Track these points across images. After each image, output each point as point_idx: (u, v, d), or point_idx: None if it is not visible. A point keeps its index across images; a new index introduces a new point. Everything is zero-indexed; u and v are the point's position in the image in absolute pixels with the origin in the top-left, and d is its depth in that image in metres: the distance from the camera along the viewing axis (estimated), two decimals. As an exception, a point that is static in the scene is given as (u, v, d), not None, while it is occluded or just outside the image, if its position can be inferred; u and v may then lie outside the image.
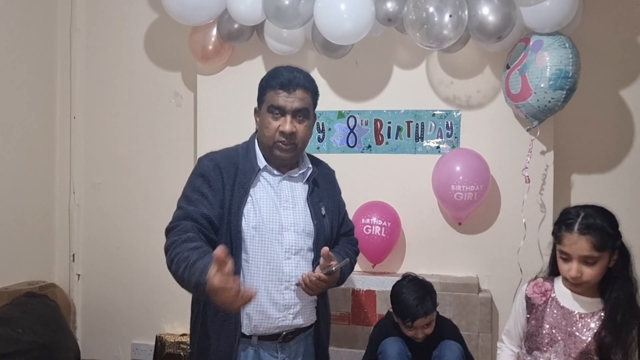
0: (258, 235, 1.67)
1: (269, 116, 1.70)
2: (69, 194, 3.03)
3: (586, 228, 1.53)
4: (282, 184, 1.74)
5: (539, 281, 1.70)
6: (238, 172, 1.71)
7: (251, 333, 1.68)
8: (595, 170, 2.61)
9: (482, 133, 2.49)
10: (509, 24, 2.14)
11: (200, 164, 1.74)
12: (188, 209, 1.64)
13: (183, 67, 2.90)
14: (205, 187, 1.67)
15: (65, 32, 3.01)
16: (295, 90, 1.69)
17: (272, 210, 1.70)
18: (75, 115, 3.04)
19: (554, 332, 1.63)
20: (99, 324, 3.03)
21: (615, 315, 1.55)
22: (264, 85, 1.73)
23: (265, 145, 1.73)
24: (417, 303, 1.97)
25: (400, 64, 2.57)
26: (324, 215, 1.77)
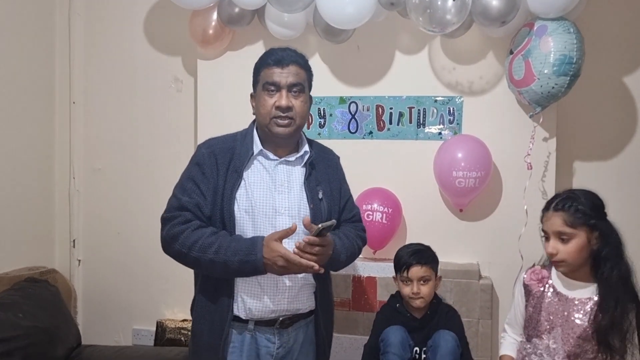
0: (250, 219, 1.68)
1: (264, 94, 1.71)
2: (69, 179, 3.03)
3: (561, 205, 1.61)
4: (279, 168, 1.74)
5: (536, 269, 1.74)
6: (234, 156, 1.73)
7: (247, 317, 1.69)
8: (597, 157, 2.59)
9: (484, 119, 2.47)
10: (513, 8, 2.12)
11: (197, 151, 1.78)
12: (182, 200, 1.70)
13: (183, 51, 2.87)
14: (199, 175, 1.71)
15: (64, 16, 2.98)
16: (288, 65, 1.71)
17: (265, 194, 1.70)
18: (75, 100, 3.02)
19: (551, 318, 1.65)
20: (99, 310, 3.03)
21: (608, 298, 1.57)
22: (258, 66, 1.75)
23: (263, 125, 1.73)
24: (412, 252, 2.02)
25: (403, 49, 2.54)
26: (321, 199, 1.76)
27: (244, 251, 1.60)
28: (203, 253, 1.62)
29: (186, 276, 2.87)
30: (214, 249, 1.62)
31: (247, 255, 1.60)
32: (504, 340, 1.84)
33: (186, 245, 1.65)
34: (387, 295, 2.22)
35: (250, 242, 1.62)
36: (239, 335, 1.71)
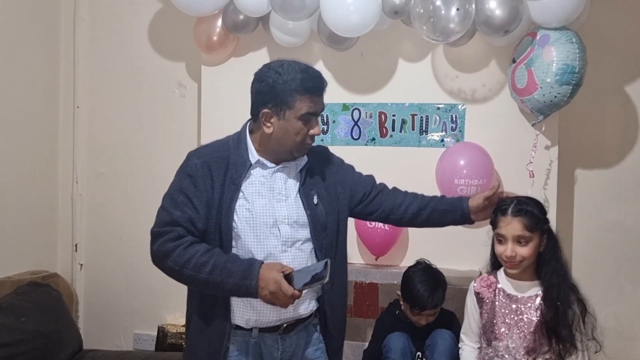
0: (252, 230, 1.65)
1: (299, 122, 1.64)
2: (72, 183, 3.03)
3: (518, 211, 1.73)
4: (276, 176, 1.71)
5: (483, 276, 1.85)
6: (229, 166, 1.67)
7: (251, 326, 1.68)
8: (599, 165, 2.61)
9: (486, 127, 2.48)
10: (516, 18, 2.13)
11: (188, 162, 1.70)
12: (174, 214, 1.63)
13: (187, 57, 2.89)
14: (191, 188, 1.64)
15: (69, 22, 2.99)
16: (323, 93, 1.69)
17: (265, 204, 1.67)
18: (79, 104, 3.03)
19: (507, 320, 1.77)
20: (101, 314, 3.04)
21: (551, 294, 1.72)
22: (290, 89, 1.62)
23: (288, 149, 1.68)
24: (428, 295, 2.01)
25: (406, 57, 2.56)
26: (317, 204, 1.74)
27: (240, 275, 1.56)
28: (196, 272, 1.58)
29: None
30: (208, 269, 1.57)
31: (242, 280, 1.56)
32: (462, 350, 1.90)
33: (179, 263, 1.59)
34: (388, 301, 2.23)
35: (247, 265, 1.58)
36: (242, 344, 1.70)
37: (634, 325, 2.61)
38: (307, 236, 1.71)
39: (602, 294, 2.60)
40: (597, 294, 2.57)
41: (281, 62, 1.68)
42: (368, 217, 1.94)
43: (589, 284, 2.57)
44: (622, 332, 2.60)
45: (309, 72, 1.66)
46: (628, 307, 2.61)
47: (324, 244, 1.73)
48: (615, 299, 2.61)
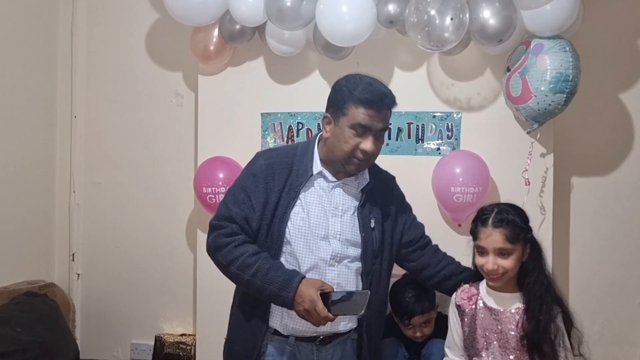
0: (303, 239, 1.68)
1: (350, 132, 1.65)
2: (69, 193, 3.04)
3: (499, 221, 1.64)
4: (335, 191, 1.74)
5: (465, 287, 1.77)
6: (291, 173, 1.71)
7: (288, 333, 1.71)
8: (594, 173, 2.62)
9: (482, 135, 2.49)
10: (510, 27, 2.15)
11: (255, 161, 1.76)
12: (232, 210, 1.69)
13: (184, 66, 2.90)
14: (253, 187, 1.70)
15: (67, 31, 3.01)
16: (385, 110, 1.67)
17: (320, 216, 1.70)
18: (76, 114, 3.05)
19: (487, 334, 1.69)
20: (98, 324, 3.03)
21: (534, 307, 1.64)
22: (348, 96, 1.64)
23: (338, 159, 1.69)
24: (414, 301, 1.98)
25: (401, 66, 2.57)
26: (373, 228, 1.75)
27: (279, 284, 1.60)
28: (241, 272, 1.64)
29: (185, 290, 2.92)
30: (252, 271, 1.62)
31: (280, 290, 1.60)
32: None
33: (227, 259, 1.66)
34: (386, 309, 2.22)
35: (288, 277, 1.61)
36: (278, 348, 1.72)
37: (632, 332, 2.61)
38: (357, 256, 1.73)
39: (600, 301, 2.61)
40: (594, 301, 2.61)
41: (357, 74, 1.71)
42: (403, 263, 1.95)
43: (586, 292, 2.61)
44: (620, 339, 2.60)
45: (372, 85, 1.67)
46: (626, 315, 2.61)
47: (372, 270, 1.75)
48: (612, 307, 2.61)
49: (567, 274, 2.62)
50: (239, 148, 2.60)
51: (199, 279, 2.70)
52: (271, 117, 2.64)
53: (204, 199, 2.54)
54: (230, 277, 1.71)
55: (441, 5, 2.10)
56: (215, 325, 2.59)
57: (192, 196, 2.72)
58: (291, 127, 2.63)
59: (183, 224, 2.93)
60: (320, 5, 2.25)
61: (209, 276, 2.43)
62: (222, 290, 2.00)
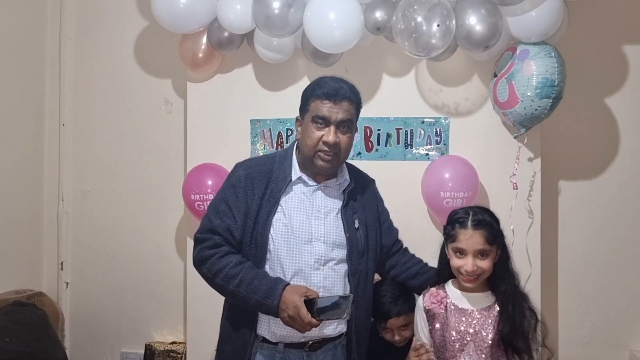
0: (286, 245, 1.69)
1: (312, 126, 1.71)
2: (58, 201, 3.02)
3: (478, 223, 1.68)
4: (316, 194, 1.76)
5: (432, 291, 1.77)
6: (271, 180, 1.73)
7: (277, 340, 1.71)
8: (582, 176, 2.64)
9: (470, 140, 2.51)
10: (496, 33, 2.17)
11: (234, 172, 1.79)
12: (214, 222, 1.72)
13: (173, 74, 2.90)
14: (233, 198, 1.73)
15: (55, 39, 3.00)
16: (341, 101, 1.71)
17: (302, 220, 1.71)
18: (65, 122, 3.03)
19: (461, 336, 1.69)
20: (87, 333, 3.01)
21: (507, 306, 1.68)
22: (309, 94, 1.74)
23: (306, 155, 1.73)
24: (390, 301, 1.96)
25: (390, 72, 2.59)
26: (357, 228, 1.78)
27: (263, 293, 1.62)
28: (226, 283, 1.66)
29: (175, 298, 2.91)
30: (236, 282, 1.64)
31: (265, 298, 1.62)
32: None
33: (212, 271, 1.68)
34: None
35: (272, 285, 1.63)
36: (268, 356, 1.72)
37: (621, 334, 2.63)
38: (343, 257, 1.74)
39: (588, 303, 2.63)
40: (583, 304, 2.63)
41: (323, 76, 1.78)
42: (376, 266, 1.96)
43: (575, 294, 2.63)
44: (609, 341, 2.62)
45: (325, 79, 1.75)
46: (614, 316, 2.63)
47: (358, 270, 1.77)
48: (601, 309, 2.63)
49: (556, 277, 2.64)
50: (229, 155, 2.60)
51: (189, 287, 2.69)
52: (260, 124, 2.65)
53: (192, 206, 2.54)
54: (217, 289, 1.73)
55: (428, 12, 2.11)
56: (205, 333, 2.59)
57: (182, 203, 2.71)
58: (281, 134, 2.63)
59: (173, 232, 2.92)
60: (307, 12, 2.26)
61: (199, 284, 2.40)
62: (212, 297, 1.99)
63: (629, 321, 2.62)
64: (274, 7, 2.23)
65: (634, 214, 2.60)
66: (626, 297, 2.62)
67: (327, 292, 1.69)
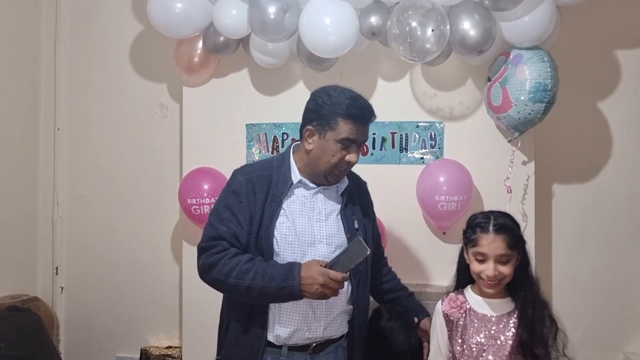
0: (291, 248, 1.70)
1: (338, 145, 1.70)
2: (53, 205, 3.01)
3: (500, 228, 1.65)
4: (317, 197, 1.77)
5: (452, 296, 1.76)
6: (271, 185, 1.74)
7: (281, 344, 1.71)
8: (575, 179, 2.66)
9: (465, 144, 2.53)
10: (490, 38, 2.19)
11: (234, 179, 1.78)
12: (220, 230, 1.70)
13: (169, 78, 2.91)
14: (236, 204, 1.71)
15: (50, 44, 3.00)
16: (368, 124, 1.75)
17: (305, 223, 1.73)
18: (60, 126, 3.03)
19: (480, 341, 1.68)
20: (82, 337, 3.00)
21: (526, 312, 1.65)
22: (340, 112, 1.69)
23: (322, 170, 1.73)
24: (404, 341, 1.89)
25: (385, 77, 2.60)
26: (357, 229, 1.80)
27: (281, 277, 1.61)
28: (240, 279, 1.64)
29: (171, 302, 2.90)
30: (251, 275, 1.63)
31: (285, 281, 1.60)
32: None
33: (223, 272, 1.66)
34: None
35: (288, 268, 1.63)
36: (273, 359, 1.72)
37: (615, 336, 2.64)
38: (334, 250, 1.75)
39: (583, 306, 2.65)
40: (577, 306, 2.64)
41: (335, 87, 1.75)
42: None
43: (569, 297, 2.64)
44: (602, 344, 2.63)
45: (358, 100, 1.73)
46: (608, 318, 2.64)
47: (359, 270, 1.78)
48: (595, 311, 2.64)
49: (550, 280, 2.66)
50: (224, 159, 2.61)
51: (185, 291, 2.69)
52: (256, 128, 2.65)
53: (188, 210, 2.54)
54: (230, 289, 1.70)
55: (422, 17, 2.13)
56: (201, 337, 2.59)
57: (177, 208, 2.72)
58: (276, 138, 2.64)
59: (168, 236, 2.92)
60: (303, 17, 2.27)
61: (194, 288, 2.42)
62: (208, 301, 2.00)
63: (622, 323, 2.63)
64: (270, 12, 2.25)
65: (627, 217, 2.62)
66: (620, 299, 2.63)
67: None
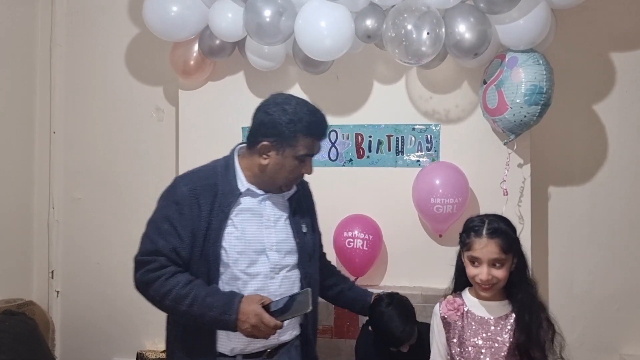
0: (241, 257, 1.65)
1: (296, 161, 1.66)
2: (48, 209, 3.00)
3: (493, 232, 1.63)
4: (265, 204, 1.73)
5: (449, 299, 1.74)
6: (217, 194, 1.66)
7: (235, 354, 1.68)
8: (571, 182, 2.67)
9: (461, 147, 2.53)
10: (485, 41, 2.19)
11: (175, 188, 1.68)
12: (158, 243, 1.61)
13: (164, 81, 2.90)
14: (177, 216, 1.62)
15: (45, 47, 2.99)
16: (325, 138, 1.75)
17: (254, 231, 1.68)
18: (55, 130, 3.02)
19: (477, 344, 1.67)
20: (78, 342, 2.98)
21: (523, 315, 1.64)
22: (301, 130, 1.63)
23: (278, 184, 1.70)
24: (401, 330, 1.90)
25: (381, 79, 2.61)
26: (305, 233, 1.78)
27: (219, 309, 1.56)
28: (177, 303, 1.57)
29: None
30: (188, 301, 1.57)
31: (222, 314, 1.56)
32: None
33: (160, 293, 1.59)
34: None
35: (227, 299, 1.58)
36: None
37: (611, 338, 2.65)
38: (295, 263, 1.73)
39: (579, 308, 2.65)
40: (574, 308, 2.64)
41: (289, 100, 1.68)
42: None
43: (565, 299, 2.65)
44: (600, 346, 2.63)
45: (316, 115, 1.68)
46: (604, 320, 2.65)
47: (309, 273, 1.76)
48: (591, 313, 2.65)
49: (547, 282, 2.66)
50: (220, 162, 2.61)
51: (181, 295, 2.68)
52: (252, 131, 2.65)
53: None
54: (167, 310, 1.64)
55: (418, 20, 2.14)
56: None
57: (174, 211, 2.71)
58: (272, 141, 2.63)
59: (164, 239, 2.91)
60: (299, 20, 2.27)
61: (191, 291, 2.41)
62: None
63: (619, 325, 2.64)
64: (266, 15, 2.25)
65: (623, 219, 2.63)
66: (616, 301, 2.64)
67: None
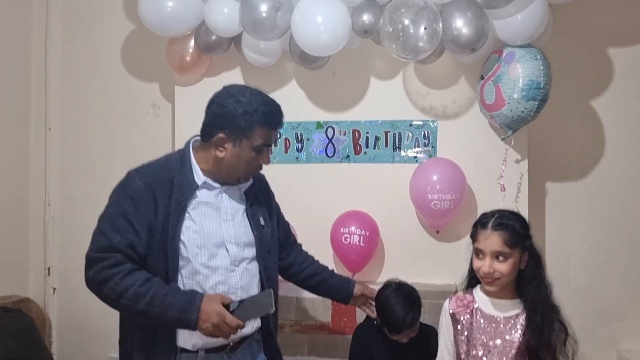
0: (200, 251, 1.64)
1: (253, 152, 1.65)
2: (44, 206, 2.99)
3: (499, 225, 1.64)
4: (222, 196, 1.71)
5: (459, 295, 1.74)
6: (174, 188, 1.63)
7: (197, 348, 1.66)
8: (568, 178, 2.67)
9: (458, 142, 2.53)
10: (482, 36, 2.19)
11: (130, 183, 1.65)
12: (113, 240, 1.58)
13: (160, 77, 2.89)
14: (132, 211, 1.59)
15: (41, 43, 2.98)
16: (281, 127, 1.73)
17: (213, 224, 1.67)
18: (51, 126, 3.00)
19: (485, 342, 1.66)
20: (75, 339, 2.97)
21: (534, 317, 1.62)
22: (257, 120, 1.62)
23: (236, 176, 1.69)
24: (404, 316, 1.94)
25: (378, 75, 2.60)
26: (263, 226, 1.78)
27: (179, 308, 1.53)
28: (134, 302, 1.54)
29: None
30: (147, 300, 1.54)
31: (182, 314, 1.53)
32: None
33: (116, 291, 1.55)
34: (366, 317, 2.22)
35: (189, 298, 1.55)
36: None
37: (608, 334, 2.65)
38: (253, 255, 1.74)
39: (576, 305, 2.65)
40: (570, 305, 2.61)
41: (243, 91, 1.66)
42: None
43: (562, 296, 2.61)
44: (596, 340, 2.64)
45: (271, 105, 1.67)
46: (601, 316, 2.65)
47: (268, 265, 1.77)
48: (588, 310, 2.65)
49: (544, 278, 2.66)
50: (217, 158, 2.60)
51: (178, 291, 2.67)
52: (249, 127, 2.64)
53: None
54: (123, 309, 1.61)
55: (415, 15, 2.13)
56: (194, 337, 2.57)
57: (170, 207, 2.70)
58: (269, 137, 2.63)
59: (161, 236, 2.90)
60: (295, 15, 2.26)
61: (187, 288, 2.40)
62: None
63: (616, 321, 2.64)
64: (262, 11, 2.24)
65: (620, 215, 2.63)
66: (613, 297, 2.64)
67: (244, 291, 1.68)
